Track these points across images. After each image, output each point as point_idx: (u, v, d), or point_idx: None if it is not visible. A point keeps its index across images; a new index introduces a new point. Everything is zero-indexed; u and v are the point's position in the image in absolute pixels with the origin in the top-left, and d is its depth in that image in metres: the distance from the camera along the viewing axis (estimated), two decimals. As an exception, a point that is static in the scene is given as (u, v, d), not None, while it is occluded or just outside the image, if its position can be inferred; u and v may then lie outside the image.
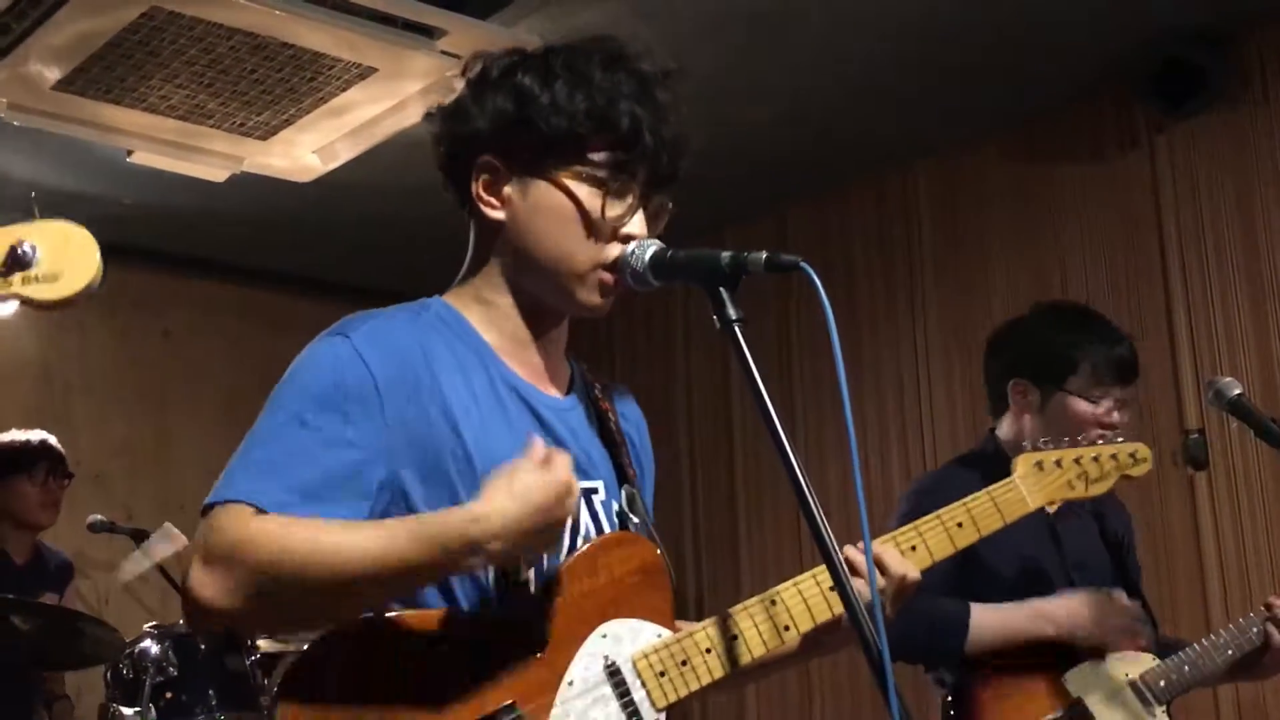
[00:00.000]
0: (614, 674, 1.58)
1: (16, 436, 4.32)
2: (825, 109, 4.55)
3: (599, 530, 1.67)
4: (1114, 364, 2.73)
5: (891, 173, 5.04)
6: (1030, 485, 2.00)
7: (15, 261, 1.35)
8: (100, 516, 4.65)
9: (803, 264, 1.49)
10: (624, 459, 1.74)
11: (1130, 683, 2.58)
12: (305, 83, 4.04)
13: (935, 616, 2.56)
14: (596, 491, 1.69)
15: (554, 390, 1.71)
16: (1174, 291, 4.30)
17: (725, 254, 1.53)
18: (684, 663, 1.61)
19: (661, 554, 1.67)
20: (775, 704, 5.04)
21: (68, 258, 1.36)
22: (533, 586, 1.59)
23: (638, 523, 1.71)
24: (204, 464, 5.48)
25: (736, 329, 1.51)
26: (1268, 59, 4.16)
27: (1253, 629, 2.67)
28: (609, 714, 1.56)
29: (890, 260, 5.06)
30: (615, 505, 1.71)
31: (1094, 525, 2.78)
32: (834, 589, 1.67)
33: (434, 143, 1.70)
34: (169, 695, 3.52)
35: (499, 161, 1.65)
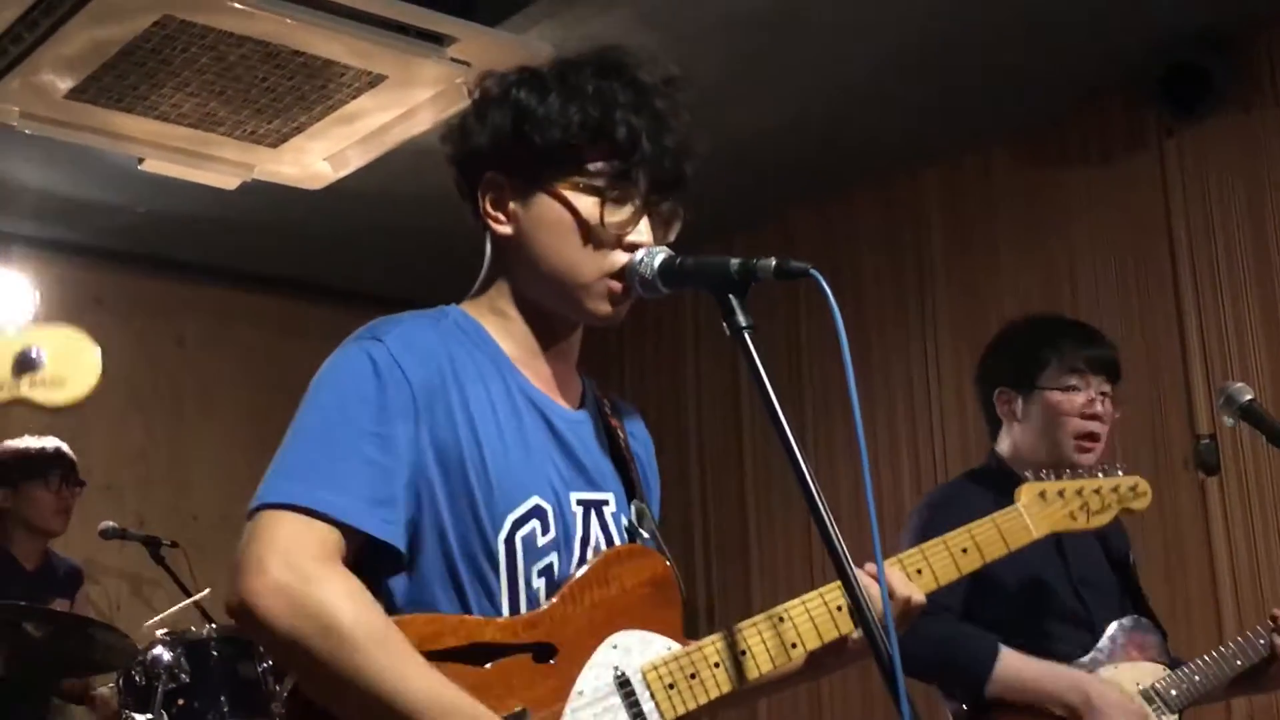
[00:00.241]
0: (624, 685, 1.58)
1: (31, 443, 4.31)
2: (832, 114, 4.55)
3: (609, 542, 1.67)
4: (1085, 356, 2.74)
5: (899, 178, 5.02)
6: (1034, 514, 2.05)
7: (24, 364, 1.38)
8: (112, 523, 4.65)
9: (812, 271, 1.49)
10: (633, 475, 1.75)
11: (1142, 691, 2.59)
12: (316, 90, 4.05)
13: (961, 643, 2.55)
14: (607, 503, 1.69)
15: (567, 402, 1.72)
16: (1184, 295, 4.28)
17: (735, 261, 1.54)
18: (693, 676, 1.61)
19: (671, 567, 1.68)
20: (786, 716, 5.02)
21: (73, 363, 1.38)
22: (544, 595, 1.59)
23: (647, 537, 1.72)
24: (217, 470, 5.54)
25: (747, 336, 1.52)
26: (1277, 61, 4.15)
27: (1259, 640, 2.69)
28: (618, 725, 1.56)
29: (899, 265, 5.04)
30: (624, 519, 1.71)
31: (1098, 545, 2.77)
32: (841, 609, 1.70)
33: (447, 162, 1.72)
34: (181, 702, 3.53)
35: (503, 177, 1.66)
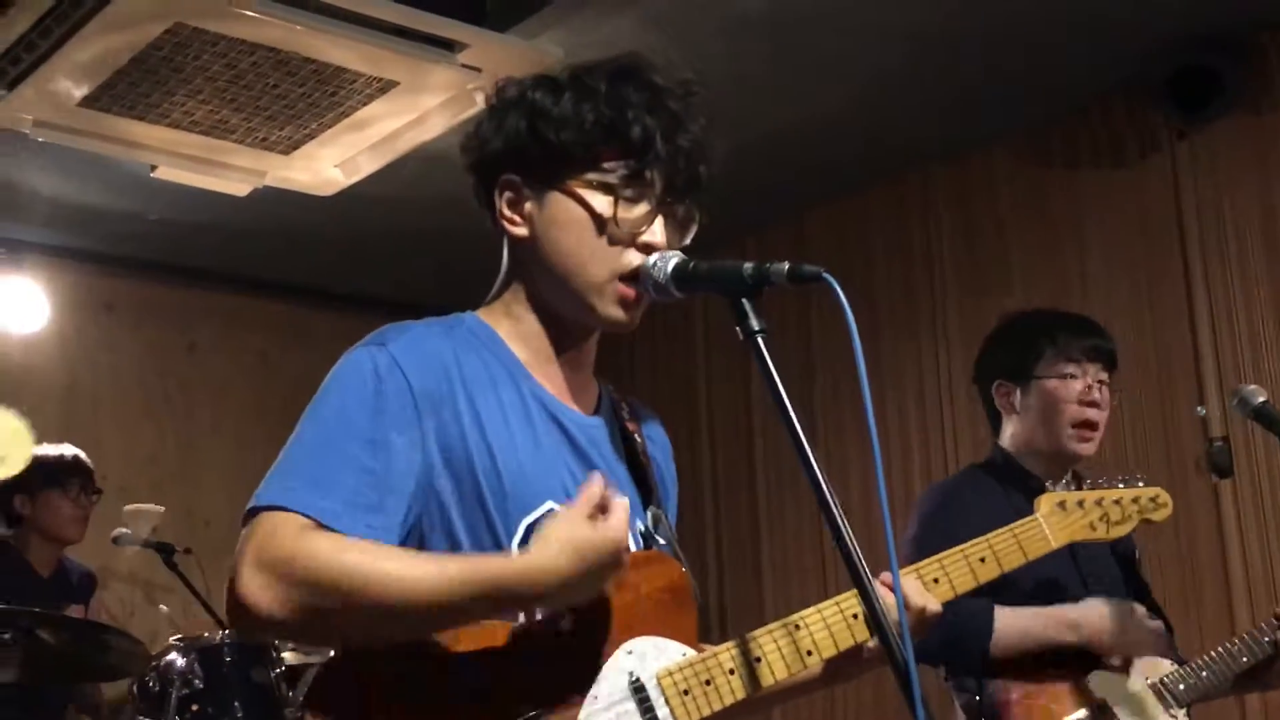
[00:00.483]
0: (639, 690, 1.58)
1: (49, 451, 4.30)
2: (843, 116, 4.55)
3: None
4: (1080, 344, 2.77)
5: (910, 180, 5.03)
6: (1053, 524, 2.07)
7: None
8: (125, 530, 4.66)
9: (825, 275, 1.49)
10: (650, 480, 1.75)
11: (1151, 685, 2.61)
12: (327, 97, 4.06)
13: (960, 616, 2.57)
14: None
15: (582, 408, 1.72)
16: (1196, 297, 4.27)
17: (747, 265, 1.53)
18: (708, 682, 1.61)
19: (687, 574, 1.68)
20: (801, 718, 5.01)
21: (6, 443, 1.39)
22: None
23: (663, 543, 1.72)
24: (228, 476, 5.54)
25: (759, 340, 1.52)
26: (1289, 63, 4.15)
27: (1265, 638, 2.71)
28: (633, 730, 1.56)
29: (910, 267, 5.04)
30: (640, 525, 1.71)
31: (1106, 544, 2.79)
32: (858, 617, 1.70)
33: (465, 170, 1.73)
34: (195, 708, 3.53)
35: (518, 179, 1.67)
